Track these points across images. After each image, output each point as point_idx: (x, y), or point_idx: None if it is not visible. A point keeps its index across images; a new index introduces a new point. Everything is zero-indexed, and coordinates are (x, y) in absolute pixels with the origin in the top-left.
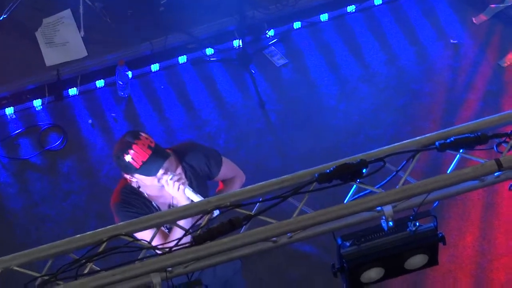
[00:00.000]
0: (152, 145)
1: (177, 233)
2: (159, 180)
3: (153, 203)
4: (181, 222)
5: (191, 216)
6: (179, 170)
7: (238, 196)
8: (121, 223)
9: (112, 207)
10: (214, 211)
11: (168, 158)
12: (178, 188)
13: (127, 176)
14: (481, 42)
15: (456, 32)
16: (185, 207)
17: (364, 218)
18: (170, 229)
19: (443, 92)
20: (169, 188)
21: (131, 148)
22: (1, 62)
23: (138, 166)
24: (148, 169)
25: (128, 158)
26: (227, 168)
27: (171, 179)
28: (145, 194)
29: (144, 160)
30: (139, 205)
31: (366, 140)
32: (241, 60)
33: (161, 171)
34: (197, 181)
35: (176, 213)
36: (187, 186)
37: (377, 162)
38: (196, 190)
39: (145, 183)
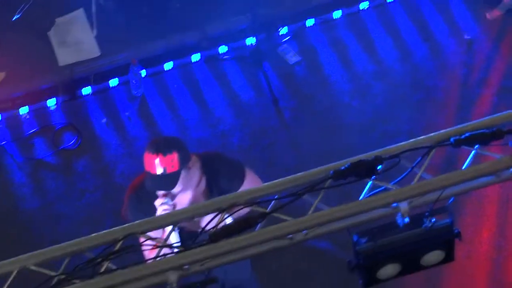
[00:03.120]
0: (168, 171)
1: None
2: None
3: None
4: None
5: (207, 214)
6: (196, 176)
7: (253, 194)
8: (137, 221)
9: (127, 193)
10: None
11: (169, 188)
12: None
13: None
14: (495, 37)
15: (470, 27)
16: (201, 205)
17: (379, 215)
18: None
19: (457, 88)
20: (157, 211)
21: (154, 154)
22: (15, 62)
23: (145, 168)
24: (149, 180)
25: (147, 155)
26: (250, 183)
27: (160, 204)
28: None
29: (151, 173)
30: (151, 203)
31: (380, 136)
32: (254, 58)
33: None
34: (218, 192)
35: (192, 210)
36: None
37: (392, 158)
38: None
39: None
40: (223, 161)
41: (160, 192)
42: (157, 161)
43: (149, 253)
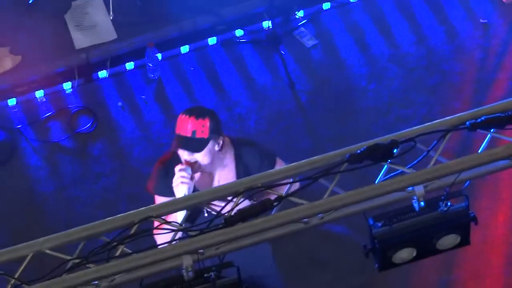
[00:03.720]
0: (197, 135)
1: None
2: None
3: None
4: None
5: (223, 198)
6: (227, 157)
7: (269, 177)
8: (152, 205)
9: (155, 166)
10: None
11: (195, 153)
12: (177, 183)
13: None
14: (511, 21)
15: (486, 11)
16: (217, 189)
17: (395, 199)
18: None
19: (473, 72)
20: (175, 177)
21: (187, 116)
22: (31, 45)
23: (176, 131)
24: (176, 141)
25: (181, 117)
26: None
27: (179, 170)
28: None
29: (181, 134)
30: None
31: (396, 120)
32: (270, 41)
33: (184, 152)
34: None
35: (208, 194)
36: (185, 190)
37: (407, 142)
38: None
39: None
40: (255, 148)
41: (184, 157)
42: (188, 122)
43: (158, 236)
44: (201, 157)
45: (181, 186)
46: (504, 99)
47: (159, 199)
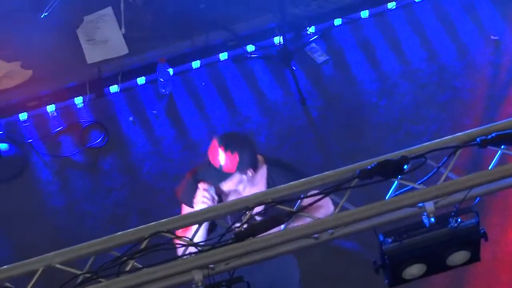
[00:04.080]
0: (224, 168)
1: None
2: None
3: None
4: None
5: (235, 212)
6: (257, 178)
7: (280, 192)
8: (163, 220)
9: (187, 175)
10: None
11: (214, 183)
12: (198, 202)
13: None
14: None
15: (497, 28)
16: (228, 204)
17: (405, 215)
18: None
19: (484, 88)
20: (197, 194)
21: (219, 144)
22: (43, 59)
23: (208, 152)
24: (204, 166)
25: (214, 143)
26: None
27: (203, 189)
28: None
29: (210, 161)
30: None
31: (407, 136)
32: (282, 57)
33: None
34: None
35: (219, 209)
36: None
37: (418, 158)
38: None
39: None
40: (286, 169)
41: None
42: (219, 154)
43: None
44: (224, 185)
45: (201, 206)
46: None
47: (185, 208)
